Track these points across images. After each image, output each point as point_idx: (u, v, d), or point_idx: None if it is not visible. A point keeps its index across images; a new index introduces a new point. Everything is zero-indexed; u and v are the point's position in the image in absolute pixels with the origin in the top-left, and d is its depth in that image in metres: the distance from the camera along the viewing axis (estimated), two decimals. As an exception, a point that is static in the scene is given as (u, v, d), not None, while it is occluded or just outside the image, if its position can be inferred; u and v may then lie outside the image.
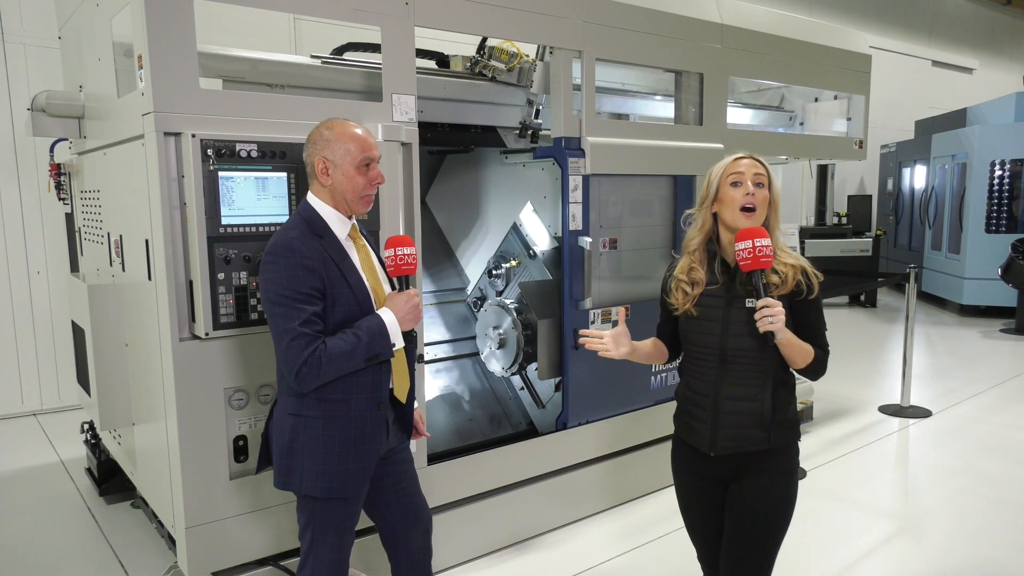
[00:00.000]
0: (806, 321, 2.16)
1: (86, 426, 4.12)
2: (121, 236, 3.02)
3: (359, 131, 2.19)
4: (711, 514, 2.31)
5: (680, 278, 2.24)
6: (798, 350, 2.12)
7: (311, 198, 2.21)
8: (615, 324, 3.78)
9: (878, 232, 11.28)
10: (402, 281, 2.26)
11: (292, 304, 2.04)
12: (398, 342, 2.19)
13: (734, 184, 2.17)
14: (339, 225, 2.20)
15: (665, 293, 2.33)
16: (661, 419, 3.99)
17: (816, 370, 2.18)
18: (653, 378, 3.94)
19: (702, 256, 2.24)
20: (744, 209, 2.14)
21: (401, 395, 2.30)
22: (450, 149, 4.27)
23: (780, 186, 2.24)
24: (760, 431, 2.15)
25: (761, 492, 2.19)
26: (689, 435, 2.28)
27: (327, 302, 2.11)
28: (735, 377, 2.16)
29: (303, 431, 2.15)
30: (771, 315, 2.03)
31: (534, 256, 3.77)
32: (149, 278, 2.64)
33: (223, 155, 2.46)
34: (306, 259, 2.07)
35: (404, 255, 2.21)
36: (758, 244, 2.06)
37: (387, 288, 2.30)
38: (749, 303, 2.12)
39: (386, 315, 2.17)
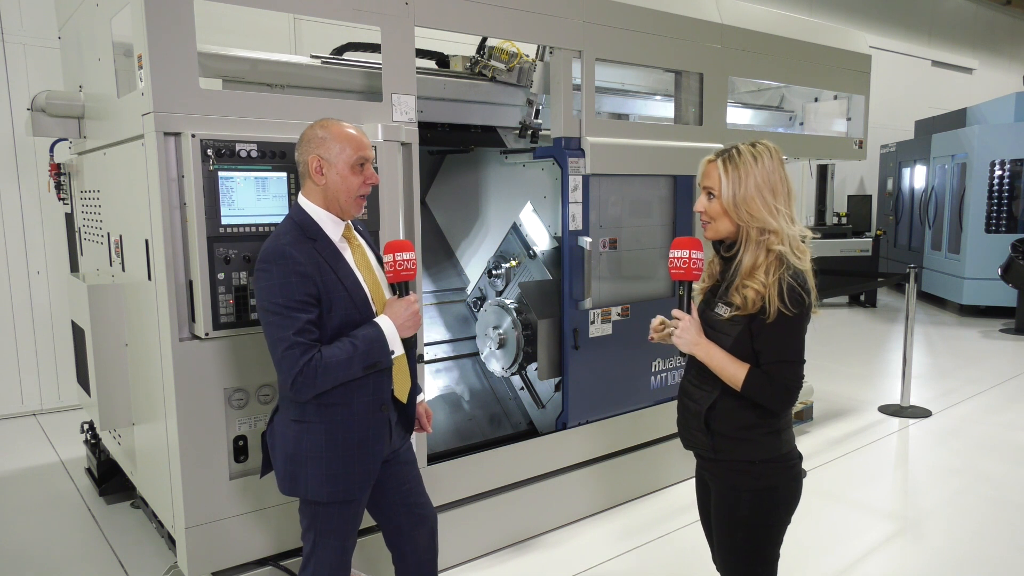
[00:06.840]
0: (760, 344, 1.97)
1: (86, 426, 4.12)
2: (121, 236, 3.02)
3: (353, 131, 2.17)
4: (704, 513, 2.29)
5: (707, 267, 2.18)
6: (719, 371, 2.00)
7: (302, 200, 2.18)
8: (615, 324, 3.80)
9: (878, 232, 11.27)
10: (401, 287, 2.23)
11: (287, 313, 2.01)
12: (397, 349, 2.16)
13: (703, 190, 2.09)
14: (332, 227, 2.17)
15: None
16: (661, 419, 3.99)
17: (757, 396, 1.96)
18: (653, 378, 3.94)
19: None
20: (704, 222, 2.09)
21: (402, 395, 2.29)
22: (450, 149, 4.27)
23: (752, 189, 2.03)
24: (703, 436, 2.07)
25: (716, 507, 2.14)
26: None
27: (323, 307, 2.08)
28: (693, 374, 2.13)
29: (306, 437, 2.13)
30: (675, 328, 2.02)
31: (534, 256, 3.77)
32: (149, 278, 2.64)
33: (223, 155, 2.46)
34: (300, 265, 2.04)
35: (403, 260, 2.20)
36: (684, 256, 2.04)
37: (385, 287, 2.28)
38: (718, 309, 2.05)
39: (384, 323, 2.14)
